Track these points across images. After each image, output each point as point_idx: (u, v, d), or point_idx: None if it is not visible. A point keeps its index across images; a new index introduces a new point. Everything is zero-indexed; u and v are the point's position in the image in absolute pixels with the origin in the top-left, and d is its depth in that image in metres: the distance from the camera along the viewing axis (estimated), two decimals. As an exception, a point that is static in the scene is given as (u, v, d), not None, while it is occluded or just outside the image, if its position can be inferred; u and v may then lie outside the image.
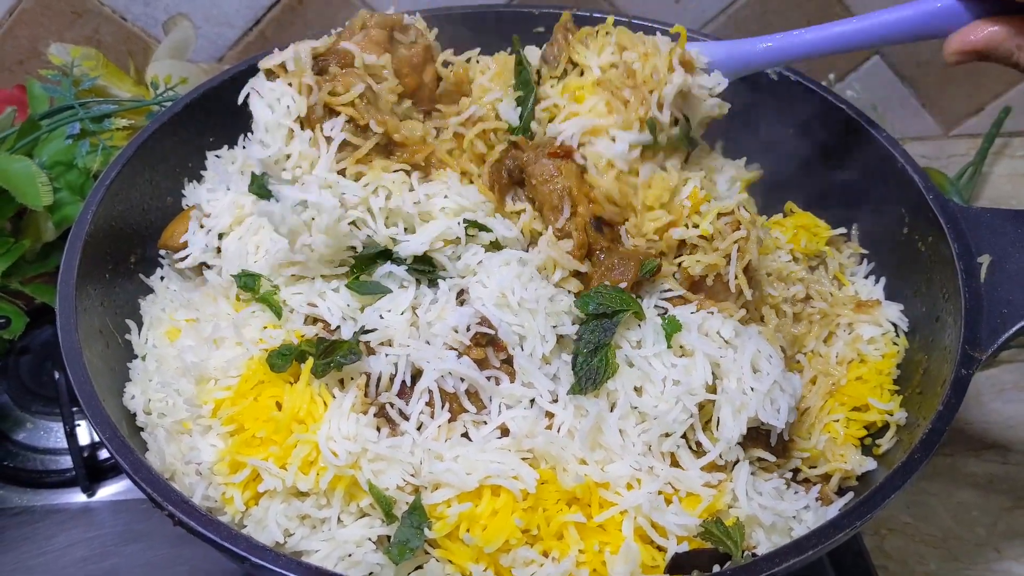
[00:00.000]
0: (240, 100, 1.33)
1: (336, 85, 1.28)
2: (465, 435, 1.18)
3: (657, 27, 1.69)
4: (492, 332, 1.20)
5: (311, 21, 2.06)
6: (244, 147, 1.55)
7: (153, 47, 2.03)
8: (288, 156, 1.28)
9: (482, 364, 1.19)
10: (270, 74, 1.31)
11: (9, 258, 1.65)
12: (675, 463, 1.19)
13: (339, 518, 1.16)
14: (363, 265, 1.26)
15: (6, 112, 1.77)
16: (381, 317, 1.23)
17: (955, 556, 1.57)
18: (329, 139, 1.27)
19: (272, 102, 1.28)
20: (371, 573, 1.15)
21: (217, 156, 1.57)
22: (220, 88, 1.58)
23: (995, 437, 1.74)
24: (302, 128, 1.28)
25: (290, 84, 1.28)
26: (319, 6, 2.04)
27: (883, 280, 1.54)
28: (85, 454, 1.59)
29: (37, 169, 1.61)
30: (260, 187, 1.33)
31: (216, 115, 1.58)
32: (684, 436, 1.18)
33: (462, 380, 1.18)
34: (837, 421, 1.34)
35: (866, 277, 1.57)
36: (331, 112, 1.28)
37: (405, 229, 1.27)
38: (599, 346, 1.20)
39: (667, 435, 1.17)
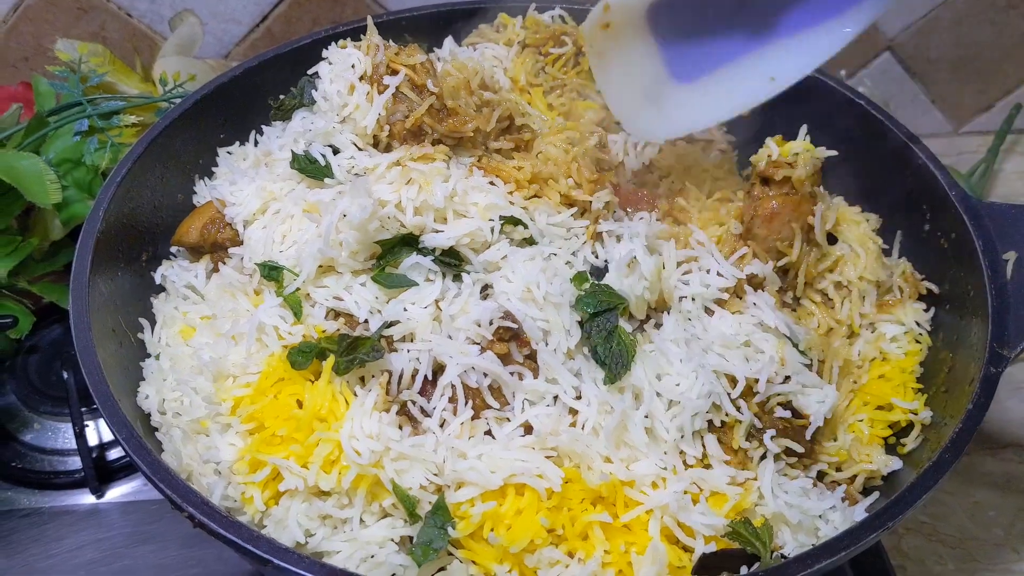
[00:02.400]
0: (312, 70, 1.45)
1: (401, 52, 1.39)
2: (488, 433, 1.17)
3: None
4: (515, 327, 1.18)
5: (319, 17, 2.04)
6: (256, 143, 1.54)
7: (159, 44, 2.01)
8: (345, 105, 1.37)
9: (505, 359, 1.18)
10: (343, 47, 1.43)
11: (16, 257, 1.63)
12: (705, 456, 1.18)
13: (361, 518, 1.14)
14: (388, 252, 1.25)
15: (11, 109, 1.74)
16: (405, 310, 1.21)
17: (973, 556, 1.55)
18: (385, 87, 1.35)
19: (339, 61, 1.40)
20: (394, 574, 1.13)
21: (229, 152, 1.56)
22: (232, 84, 1.57)
23: (1012, 436, 1.73)
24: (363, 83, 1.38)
25: (358, 49, 1.40)
26: (327, 2, 2.02)
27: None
28: (94, 455, 1.57)
29: (45, 166, 1.59)
30: (304, 162, 1.35)
31: (228, 111, 1.57)
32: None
33: (485, 375, 1.17)
34: (861, 421, 1.33)
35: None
36: (394, 74, 1.37)
37: (435, 219, 1.27)
38: (610, 332, 1.20)
39: (697, 415, 1.17)
